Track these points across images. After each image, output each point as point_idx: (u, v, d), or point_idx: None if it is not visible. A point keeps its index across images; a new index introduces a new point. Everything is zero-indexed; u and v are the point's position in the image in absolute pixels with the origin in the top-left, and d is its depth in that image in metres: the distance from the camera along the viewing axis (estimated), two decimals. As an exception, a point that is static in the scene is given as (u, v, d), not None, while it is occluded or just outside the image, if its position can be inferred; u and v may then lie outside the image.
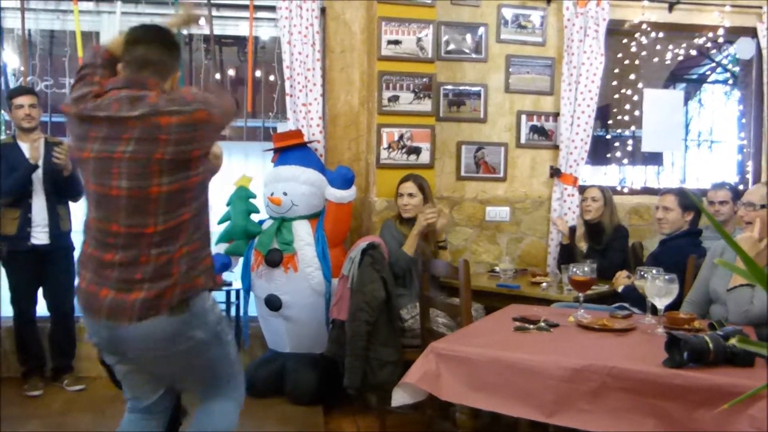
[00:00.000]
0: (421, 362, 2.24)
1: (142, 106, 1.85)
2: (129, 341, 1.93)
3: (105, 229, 1.92)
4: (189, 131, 1.87)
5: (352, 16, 4.41)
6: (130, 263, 1.89)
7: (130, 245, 1.89)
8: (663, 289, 2.37)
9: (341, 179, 3.91)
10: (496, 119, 4.55)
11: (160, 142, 1.84)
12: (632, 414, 1.94)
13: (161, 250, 1.89)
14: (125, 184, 1.86)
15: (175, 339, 1.94)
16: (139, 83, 1.93)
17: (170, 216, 1.90)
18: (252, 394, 3.84)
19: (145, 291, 1.88)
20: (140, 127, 1.84)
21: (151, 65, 1.97)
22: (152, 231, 1.88)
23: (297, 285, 3.81)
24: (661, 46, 4.88)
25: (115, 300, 1.89)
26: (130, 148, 1.84)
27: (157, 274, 1.89)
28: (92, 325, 1.98)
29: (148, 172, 1.85)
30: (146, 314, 1.88)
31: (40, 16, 4.28)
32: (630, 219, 4.62)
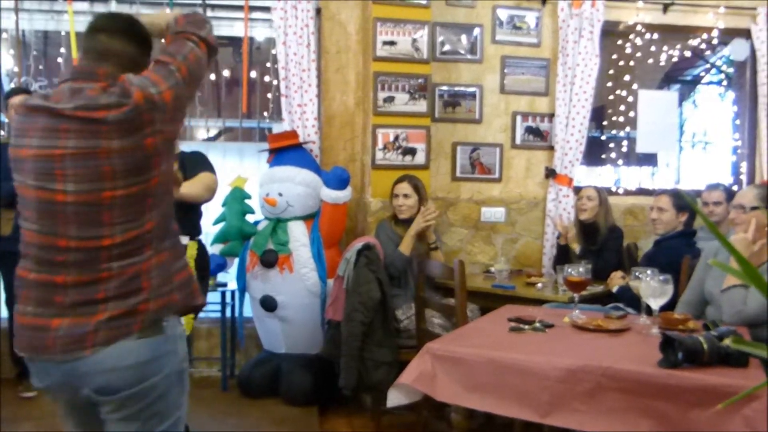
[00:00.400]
0: (417, 363, 2.25)
1: (78, 99, 1.56)
2: (89, 376, 1.56)
3: (50, 245, 1.58)
4: (131, 118, 1.55)
5: (348, 17, 4.41)
6: (88, 282, 1.57)
7: (84, 262, 1.57)
8: (658, 290, 2.38)
9: (336, 180, 3.91)
10: (492, 120, 4.56)
11: (101, 134, 1.54)
12: (627, 414, 1.94)
13: (125, 263, 1.58)
14: (72, 188, 1.55)
15: (145, 368, 1.59)
16: (87, 74, 1.63)
17: (130, 225, 1.59)
18: (247, 394, 3.85)
19: (110, 310, 1.56)
20: (78, 120, 1.55)
21: (113, 57, 1.66)
22: (109, 243, 1.57)
23: (292, 286, 3.81)
24: (655, 47, 4.89)
25: (71, 328, 1.55)
26: (71, 143, 1.54)
27: (123, 289, 1.57)
28: (41, 366, 1.62)
29: (98, 173, 1.54)
30: (114, 336, 1.55)
31: (35, 16, 4.26)
32: (625, 220, 4.63)
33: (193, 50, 1.70)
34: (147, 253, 1.61)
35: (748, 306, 2.53)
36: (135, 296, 1.58)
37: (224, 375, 4.03)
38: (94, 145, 1.54)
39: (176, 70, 1.64)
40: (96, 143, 1.54)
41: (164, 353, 1.62)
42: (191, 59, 1.69)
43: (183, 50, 1.69)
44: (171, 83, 1.62)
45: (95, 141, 1.54)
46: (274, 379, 3.85)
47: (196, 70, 1.70)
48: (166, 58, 1.66)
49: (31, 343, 1.59)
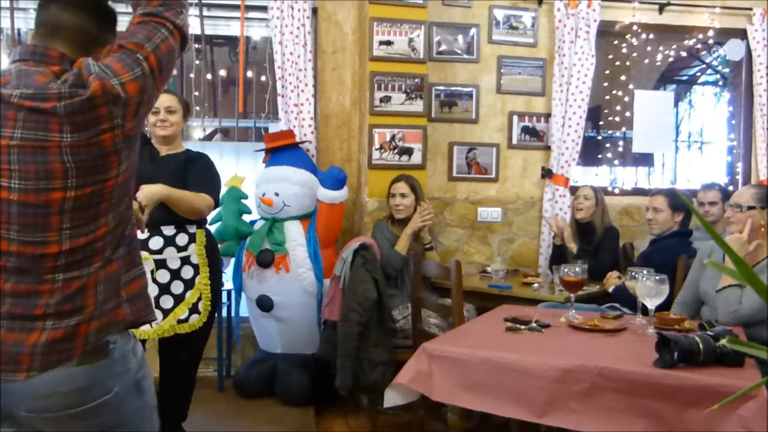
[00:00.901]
0: (413, 363, 2.25)
1: (25, 86, 1.37)
2: (23, 399, 1.37)
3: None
4: (86, 110, 1.35)
5: (344, 17, 4.41)
6: (27, 293, 1.37)
7: (25, 269, 1.37)
8: (653, 290, 2.38)
9: (333, 180, 3.90)
10: (488, 120, 4.56)
11: (51, 127, 1.34)
12: (623, 414, 1.95)
13: (70, 275, 1.39)
14: (16, 185, 1.35)
15: (87, 393, 1.40)
16: (38, 54, 1.43)
17: (80, 231, 1.39)
18: (243, 394, 3.85)
19: (48, 330, 1.36)
20: (25, 109, 1.35)
21: (65, 32, 1.45)
22: (56, 251, 1.37)
23: (289, 285, 3.80)
24: (651, 47, 4.90)
25: (7, 343, 1.35)
26: (17, 134, 1.35)
27: (64, 306, 1.38)
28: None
29: (47, 171, 1.35)
30: (50, 362, 1.36)
31: (30, 15, 4.25)
32: (621, 220, 4.64)
33: (166, 39, 1.48)
34: (96, 264, 1.42)
35: (743, 306, 2.54)
36: (76, 315, 1.39)
37: (220, 375, 4.03)
38: (44, 138, 1.34)
39: (144, 59, 1.43)
40: (45, 136, 1.34)
41: (110, 376, 1.43)
42: (163, 49, 1.47)
43: (154, 38, 1.46)
44: (137, 74, 1.41)
45: (45, 133, 1.34)
46: (271, 379, 3.84)
47: (168, 63, 1.49)
48: (134, 44, 1.44)
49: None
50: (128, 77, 1.40)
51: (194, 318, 2.89)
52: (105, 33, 1.52)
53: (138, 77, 1.41)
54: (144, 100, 1.44)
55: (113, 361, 1.44)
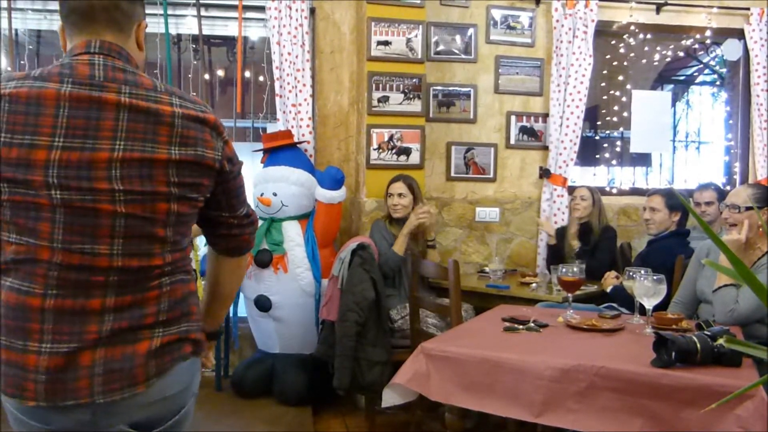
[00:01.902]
0: (411, 363, 2.25)
1: (130, 84, 1.32)
2: (130, 412, 1.32)
3: (84, 264, 1.29)
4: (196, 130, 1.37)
5: (342, 17, 4.41)
6: (132, 304, 1.32)
7: (128, 282, 1.32)
8: (651, 290, 2.39)
9: (331, 180, 3.90)
10: (486, 120, 4.57)
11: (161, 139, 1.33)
12: (620, 414, 1.95)
13: (175, 280, 1.39)
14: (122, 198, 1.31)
15: (187, 392, 1.43)
16: (116, 52, 1.37)
17: (177, 246, 1.40)
18: (241, 394, 3.85)
19: (159, 337, 1.33)
20: (136, 112, 1.32)
21: (101, 16, 1.36)
22: (161, 263, 1.35)
23: (287, 285, 3.80)
24: (648, 47, 4.91)
25: (111, 362, 1.28)
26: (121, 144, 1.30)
27: (174, 312, 1.37)
28: (51, 412, 1.28)
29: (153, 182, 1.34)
30: (165, 365, 1.34)
31: (28, 15, 4.25)
32: (618, 219, 4.65)
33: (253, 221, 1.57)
34: (191, 273, 1.45)
35: (740, 305, 2.54)
36: (185, 321, 1.39)
37: (218, 375, 4.02)
38: (152, 149, 1.29)
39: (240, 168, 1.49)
40: (153, 147, 1.29)
41: (197, 370, 1.46)
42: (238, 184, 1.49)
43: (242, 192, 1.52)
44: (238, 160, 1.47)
45: (152, 144, 1.29)
46: (269, 379, 3.84)
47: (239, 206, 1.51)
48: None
49: (54, 387, 1.25)
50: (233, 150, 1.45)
51: None
52: (135, 7, 1.43)
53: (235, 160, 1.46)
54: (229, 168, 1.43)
55: (199, 360, 1.47)
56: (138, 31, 1.44)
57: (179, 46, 4.83)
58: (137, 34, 1.43)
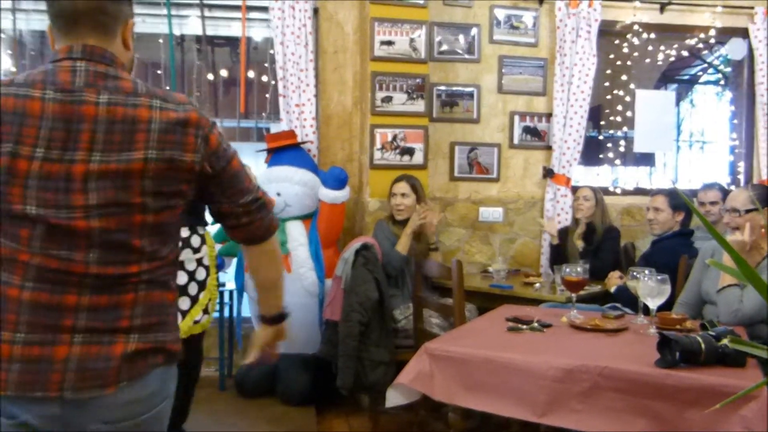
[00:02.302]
0: (415, 363, 2.25)
1: (109, 91, 1.32)
2: (102, 411, 1.32)
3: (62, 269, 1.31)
4: (176, 133, 1.35)
5: (345, 17, 4.41)
6: (107, 306, 1.33)
7: (105, 284, 1.33)
8: (655, 290, 2.38)
9: (334, 180, 3.91)
10: (489, 120, 4.56)
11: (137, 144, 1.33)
12: (624, 414, 1.94)
13: (152, 289, 1.38)
14: (96, 213, 1.32)
15: (155, 396, 1.40)
16: (99, 56, 1.36)
17: (156, 254, 1.40)
18: (244, 394, 3.85)
19: (134, 342, 1.34)
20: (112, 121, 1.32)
21: (86, 19, 1.35)
22: (137, 270, 1.35)
23: (290, 285, 3.79)
24: (652, 46, 4.90)
25: (85, 361, 1.29)
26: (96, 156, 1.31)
27: (150, 319, 1.37)
28: (23, 403, 1.29)
29: (128, 194, 1.34)
30: (139, 371, 1.34)
31: (32, 16, 4.25)
32: (622, 219, 4.64)
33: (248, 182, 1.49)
34: (172, 283, 1.45)
35: (745, 305, 2.53)
36: (161, 330, 1.38)
37: (222, 375, 4.03)
38: (127, 158, 1.29)
39: (232, 154, 1.45)
40: (128, 156, 1.29)
41: (170, 377, 1.44)
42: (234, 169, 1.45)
43: (246, 174, 1.48)
44: (231, 150, 1.44)
45: (128, 153, 1.29)
46: (272, 378, 3.84)
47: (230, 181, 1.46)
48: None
49: (23, 378, 1.26)
50: (221, 139, 1.41)
51: (205, 318, 2.92)
52: (122, 6, 1.41)
53: (225, 149, 1.42)
54: (212, 166, 1.40)
55: (175, 368, 1.45)
56: (125, 30, 1.42)
57: (183, 47, 4.83)
58: (124, 34, 1.42)
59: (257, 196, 1.50)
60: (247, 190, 1.48)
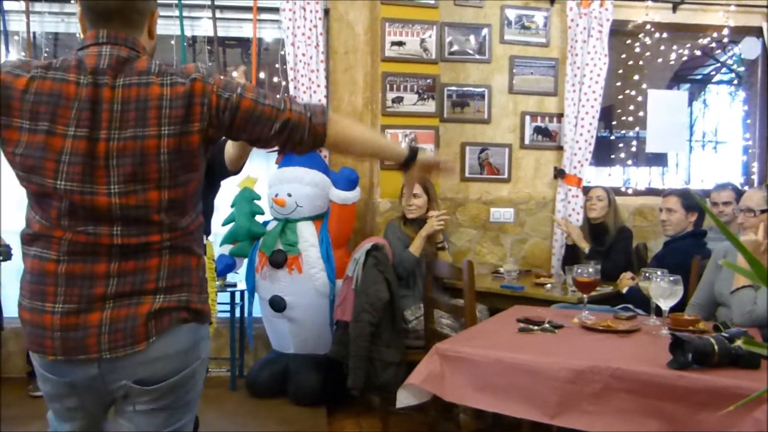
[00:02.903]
0: (426, 363, 2.24)
1: (127, 72, 1.43)
2: (133, 368, 1.46)
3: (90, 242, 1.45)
4: (185, 105, 1.43)
5: (356, 18, 4.42)
6: (135, 271, 1.45)
7: (131, 250, 1.46)
8: (667, 291, 2.36)
9: (345, 180, 3.91)
10: (500, 120, 4.55)
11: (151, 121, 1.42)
12: (636, 415, 1.93)
13: (175, 254, 1.50)
14: (118, 189, 1.43)
15: (186, 356, 1.52)
16: (123, 40, 1.47)
17: (176, 224, 1.51)
18: (255, 394, 3.86)
19: (160, 302, 1.46)
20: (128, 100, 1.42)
21: (115, 15, 1.47)
22: (159, 239, 1.47)
23: (301, 286, 3.81)
24: (665, 46, 4.87)
25: (117, 323, 1.43)
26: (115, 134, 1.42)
27: (174, 281, 1.48)
28: (67, 365, 1.45)
29: (146, 170, 1.45)
30: (164, 325, 1.46)
31: (45, 18, 4.29)
32: (634, 220, 4.61)
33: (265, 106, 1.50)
34: (193, 252, 1.54)
35: (759, 306, 2.51)
36: (185, 290, 1.49)
37: (233, 375, 4.04)
38: (142, 134, 1.39)
39: (254, 100, 1.47)
40: (143, 132, 1.39)
41: (201, 338, 1.56)
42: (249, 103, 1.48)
43: (258, 95, 1.49)
44: (228, 95, 1.45)
45: (143, 129, 1.39)
46: (283, 379, 3.85)
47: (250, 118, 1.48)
48: (262, 92, 1.51)
49: (67, 344, 1.42)
50: (225, 93, 1.45)
51: None
52: (149, 1, 1.53)
53: (228, 98, 1.45)
54: (221, 123, 1.46)
55: (205, 328, 1.57)
56: (151, 22, 1.53)
57: (194, 48, 4.85)
58: (150, 25, 1.53)
59: (285, 120, 1.49)
60: (269, 119, 1.49)
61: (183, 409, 1.56)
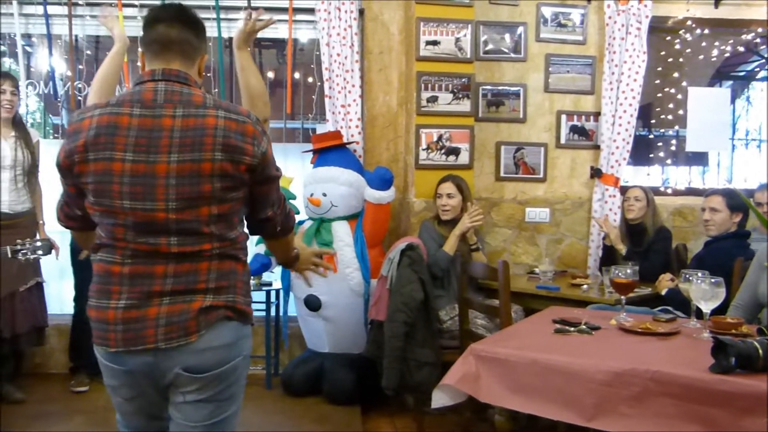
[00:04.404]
0: (461, 364, 2.24)
1: (184, 105, 1.62)
2: (183, 357, 1.64)
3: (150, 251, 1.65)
4: (239, 137, 1.63)
5: (390, 17, 4.42)
6: (188, 272, 1.64)
7: (185, 255, 1.64)
8: (709, 293, 2.31)
9: (380, 180, 3.92)
10: (536, 119, 4.51)
11: (205, 147, 1.62)
12: (676, 420, 1.89)
13: (222, 261, 1.68)
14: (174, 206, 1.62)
15: (230, 350, 1.69)
16: (175, 76, 1.68)
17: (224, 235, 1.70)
18: (290, 393, 3.89)
19: (209, 300, 1.64)
20: (185, 130, 1.61)
21: (176, 47, 1.70)
22: (209, 247, 1.65)
23: (336, 285, 3.83)
24: (706, 42, 4.76)
25: (171, 317, 1.61)
26: (174, 157, 1.60)
27: (221, 282, 1.66)
28: (128, 356, 1.64)
29: (199, 191, 1.63)
30: (213, 320, 1.65)
31: (87, 22, 4.39)
32: (674, 221, 4.52)
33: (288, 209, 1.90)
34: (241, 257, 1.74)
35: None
36: (231, 292, 1.68)
37: (268, 373, 4.08)
38: (199, 158, 1.58)
39: (277, 173, 1.76)
40: (200, 155, 1.58)
41: (244, 336, 1.73)
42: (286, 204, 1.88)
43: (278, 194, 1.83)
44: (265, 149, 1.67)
45: (199, 153, 1.58)
46: (317, 378, 3.88)
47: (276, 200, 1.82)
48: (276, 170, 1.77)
49: (127, 336, 1.61)
50: (269, 150, 1.69)
51: None
52: (202, 43, 1.78)
53: (271, 162, 1.71)
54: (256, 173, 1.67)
55: (248, 328, 1.75)
56: (201, 62, 1.78)
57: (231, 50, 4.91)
58: (200, 65, 1.77)
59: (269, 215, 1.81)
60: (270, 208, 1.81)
61: (227, 402, 1.72)
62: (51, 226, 3.78)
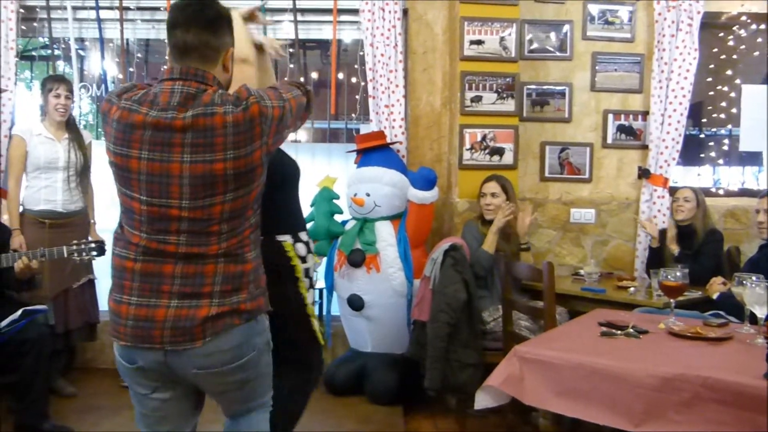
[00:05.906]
0: (505, 365, 2.22)
1: (194, 106, 1.65)
2: (194, 360, 1.71)
3: (159, 249, 1.72)
4: (246, 130, 1.68)
5: (434, 17, 4.41)
6: (195, 274, 1.70)
7: (192, 256, 1.70)
8: (764, 297, 2.25)
9: (423, 180, 3.91)
10: (581, 119, 4.44)
11: (216, 147, 1.67)
12: (727, 427, 1.84)
13: (229, 263, 1.73)
14: (187, 204, 1.69)
15: (240, 349, 1.75)
16: (192, 75, 1.72)
17: (233, 233, 1.75)
18: (332, 392, 3.92)
19: (216, 306, 1.69)
20: (192, 129, 1.65)
21: (194, 51, 1.72)
22: (216, 250, 1.70)
23: (379, 285, 3.84)
24: (761, 38, 4.61)
25: (178, 321, 1.67)
26: (186, 158, 1.65)
27: (227, 286, 1.71)
28: (138, 351, 1.72)
29: (213, 187, 1.68)
30: (220, 328, 1.70)
31: (138, 26, 4.51)
32: (725, 222, 4.39)
33: (300, 96, 1.86)
34: (248, 255, 1.77)
35: None
36: (237, 295, 1.72)
37: (311, 371, 4.11)
38: (211, 159, 1.63)
39: (287, 100, 1.78)
40: (212, 156, 1.63)
41: (254, 333, 1.79)
42: (298, 100, 1.84)
43: (293, 91, 1.84)
44: (280, 104, 1.74)
45: (211, 155, 1.63)
46: (360, 377, 3.89)
47: (298, 111, 1.85)
48: (280, 89, 1.81)
49: (136, 333, 1.69)
50: (276, 103, 1.74)
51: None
52: (224, 38, 1.77)
53: (281, 106, 1.75)
54: (281, 127, 1.76)
55: (258, 322, 1.80)
56: (225, 57, 1.78)
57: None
58: (224, 60, 1.78)
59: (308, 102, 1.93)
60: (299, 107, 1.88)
61: (255, 383, 1.85)
62: (102, 224, 3.90)
